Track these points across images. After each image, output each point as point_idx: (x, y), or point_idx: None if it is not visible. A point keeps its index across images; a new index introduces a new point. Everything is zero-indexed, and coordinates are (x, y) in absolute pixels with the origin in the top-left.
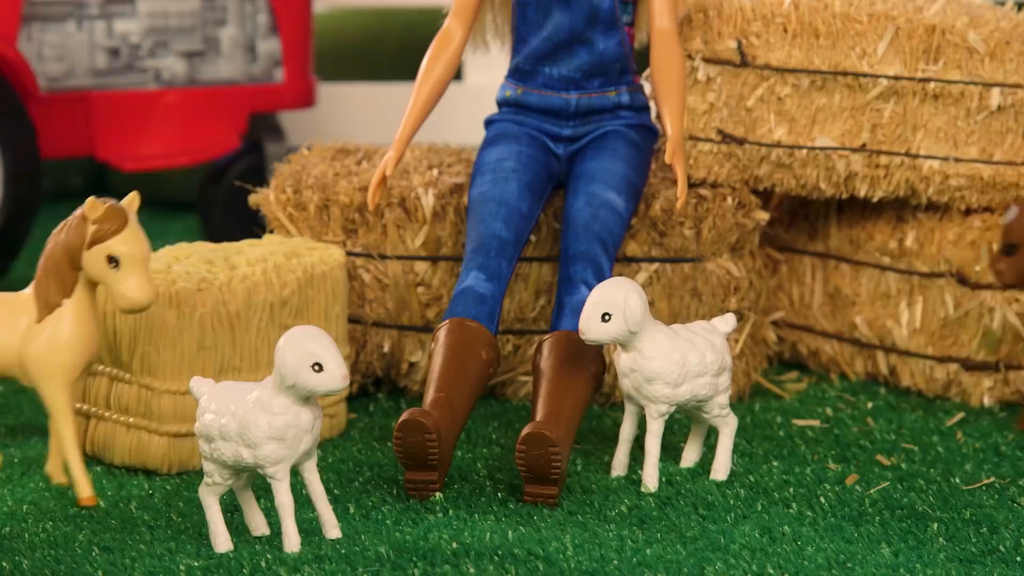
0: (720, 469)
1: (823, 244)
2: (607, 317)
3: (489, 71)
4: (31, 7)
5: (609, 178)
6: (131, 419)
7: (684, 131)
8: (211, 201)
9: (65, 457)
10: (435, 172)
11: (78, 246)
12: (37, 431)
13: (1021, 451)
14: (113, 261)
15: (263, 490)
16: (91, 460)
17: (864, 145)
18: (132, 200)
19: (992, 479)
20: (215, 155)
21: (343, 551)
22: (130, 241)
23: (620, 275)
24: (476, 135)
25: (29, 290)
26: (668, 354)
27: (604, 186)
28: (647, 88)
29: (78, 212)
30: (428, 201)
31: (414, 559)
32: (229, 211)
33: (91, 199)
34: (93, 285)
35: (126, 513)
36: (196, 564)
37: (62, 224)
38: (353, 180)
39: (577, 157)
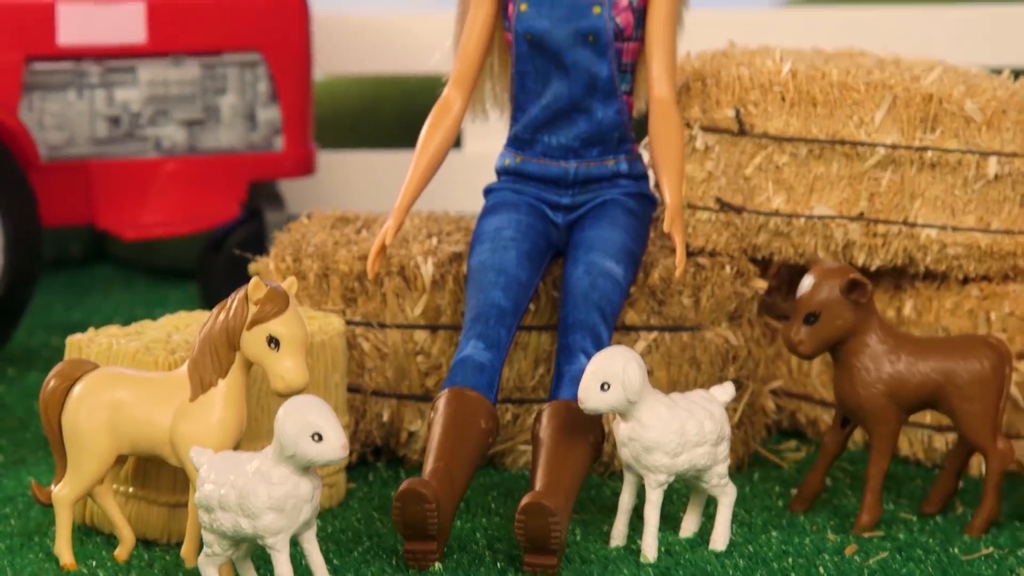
0: (719, 539)
1: None
2: (606, 386)
3: (488, 139)
4: (32, 76)
5: (608, 247)
6: (131, 489)
7: (682, 199)
8: (211, 269)
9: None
10: (434, 241)
11: (238, 326)
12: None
13: (1019, 521)
14: (273, 342)
15: (263, 560)
16: (90, 531)
17: (862, 214)
18: (292, 284)
19: (991, 549)
20: (215, 223)
21: None
22: (290, 323)
23: (619, 344)
24: (475, 202)
25: (183, 369)
26: (667, 423)
27: (603, 255)
28: (646, 156)
29: (240, 293)
30: (427, 270)
31: None
32: (229, 279)
33: (255, 280)
34: (247, 366)
35: None
36: None
37: (220, 305)
38: (352, 249)
39: (576, 226)
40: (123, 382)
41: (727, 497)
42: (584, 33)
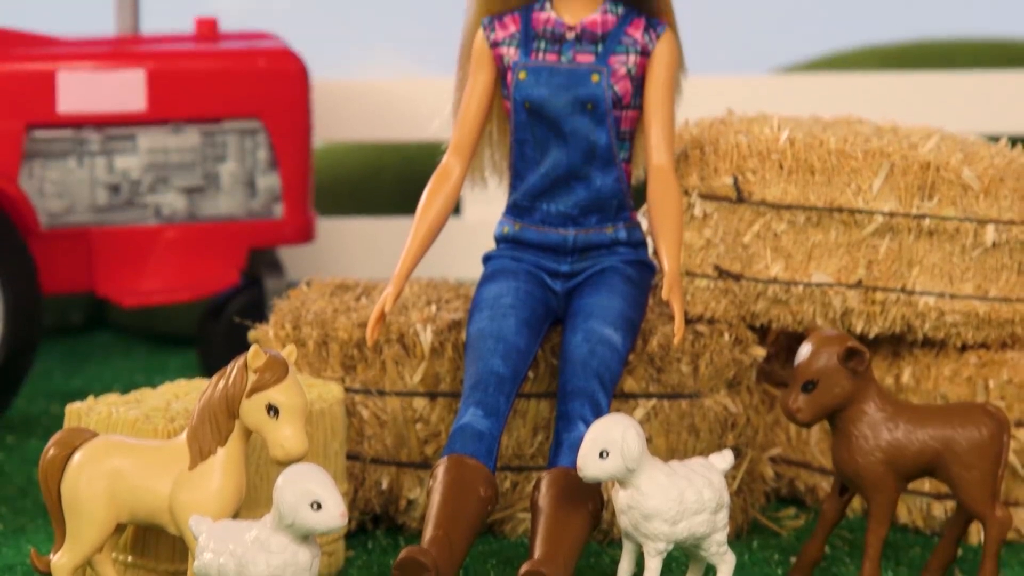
0: None
1: None
2: (605, 454)
3: (487, 206)
4: (32, 144)
5: (607, 314)
6: (129, 557)
7: (681, 267)
8: (210, 336)
9: None
10: (433, 308)
11: (238, 395)
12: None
13: None
14: (272, 410)
15: None
16: None
17: (860, 281)
18: (291, 352)
19: None
20: (214, 290)
21: None
22: (289, 392)
23: (618, 411)
24: (475, 269)
25: (182, 437)
26: (666, 491)
27: (602, 322)
28: (644, 224)
29: (239, 362)
30: (426, 337)
31: None
32: (228, 346)
33: (254, 348)
34: (247, 434)
35: None
36: None
37: (220, 373)
38: (352, 316)
39: (575, 293)
40: (122, 450)
41: (726, 565)
42: (583, 101)
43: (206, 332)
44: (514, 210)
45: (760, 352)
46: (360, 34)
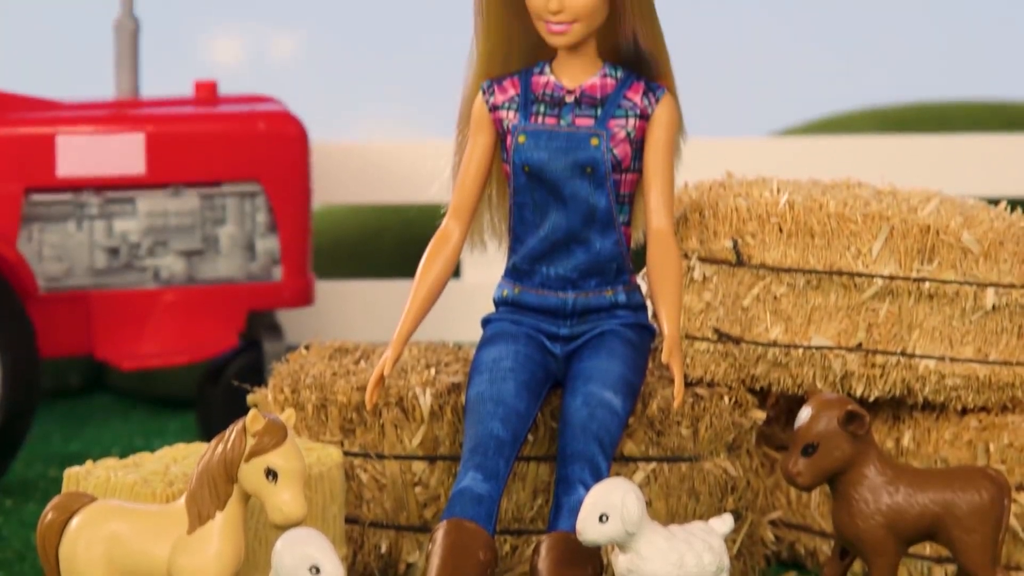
0: None
1: None
2: (604, 518)
3: (487, 268)
4: (31, 207)
5: (606, 377)
6: None
7: (680, 330)
8: (209, 400)
9: None
10: (432, 371)
11: (236, 459)
12: None
13: None
14: (271, 474)
15: None
16: None
17: (860, 344)
18: (290, 416)
19: None
20: (213, 353)
21: None
22: (288, 456)
23: (617, 475)
24: (474, 332)
25: (181, 501)
26: (665, 555)
27: (601, 385)
28: (644, 287)
29: (238, 425)
30: (425, 401)
31: None
32: (227, 410)
33: (253, 412)
34: (245, 498)
35: None
36: None
37: (219, 437)
38: (351, 380)
39: (574, 356)
40: (121, 515)
41: None
42: (582, 165)
43: (205, 395)
44: (513, 273)
45: (760, 415)
46: (359, 96)
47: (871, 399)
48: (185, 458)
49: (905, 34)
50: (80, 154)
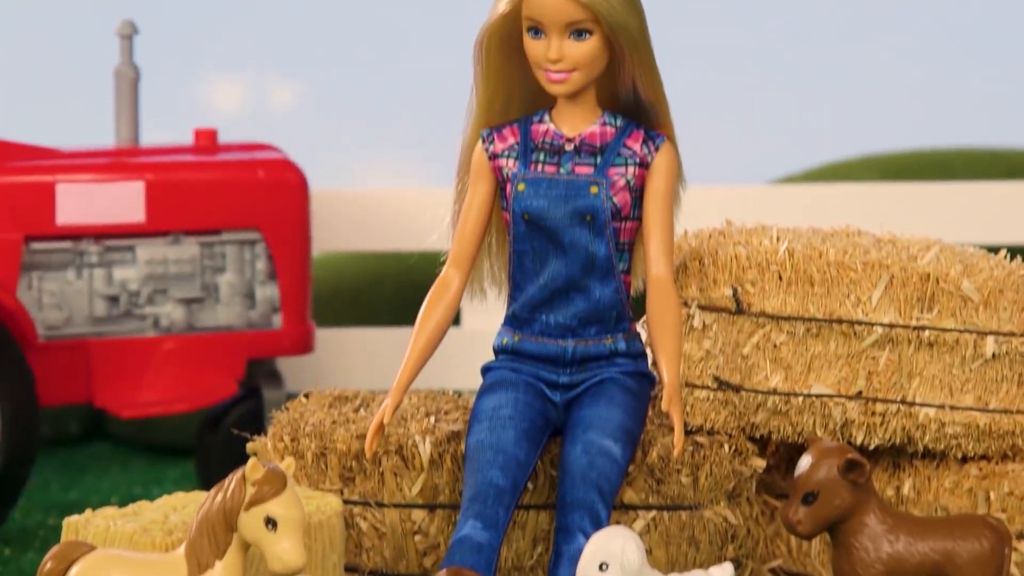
0: None
1: None
2: (604, 567)
3: (487, 316)
4: (31, 255)
5: (606, 426)
6: None
7: (680, 378)
8: (209, 447)
9: None
10: (432, 419)
11: (236, 508)
12: None
13: None
14: (271, 523)
15: None
16: None
17: (860, 392)
18: (289, 465)
19: None
20: (213, 401)
21: None
22: (288, 504)
23: (617, 523)
24: (474, 380)
25: (180, 550)
26: None
27: (601, 433)
28: (643, 334)
29: (237, 474)
30: (425, 449)
31: None
32: (227, 458)
33: (253, 461)
34: (245, 547)
35: None
36: None
37: (218, 486)
38: (351, 428)
39: (574, 404)
40: (120, 564)
41: None
42: (582, 213)
43: (204, 443)
44: (513, 321)
45: (760, 463)
46: (359, 143)
47: (871, 447)
48: (184, 507)
49: (904, 82)
50: (80, 202)
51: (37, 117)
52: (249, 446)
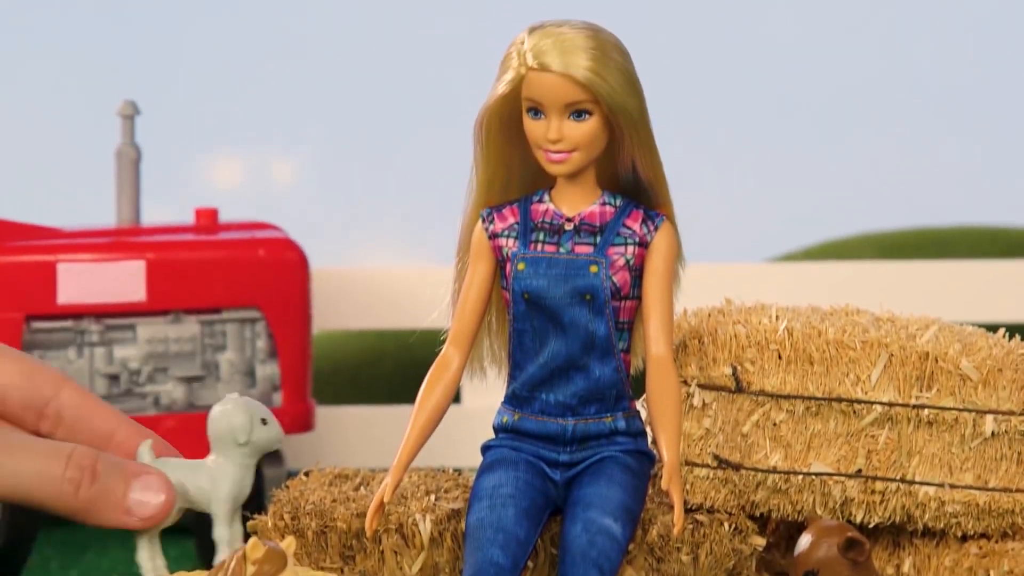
0: None
1: None
2: None
3: (487, 394)
4: (32, 335)
5: (606, 504)
6: None
7: (680, 456)
8: (209, 526)
9: None
10: (432, 498)
11: None
12: None
13: None
14: None
15: None
16: None
17: (860, 471)
18: (290, 544)
19: None
20: None
21: None
22: None
23: None
24: (474, 457)
25: None
26: None
27: (601, 512)
28: (643, 413)
29: (238, 553)
30: (425, 527)
31: None
32: None
33: (253, 540)
34: None
35: None
36: None
37: (219, 565)
38: (351, 506)
39: (574, 483)
40: None
41: None
42: (581, 292)
43: (205, 522)
44: (513, 400)
45: (760, 542)
46: (359, 221)
47: (871, 525)
48: None
49: (902, 160)
50: (80, 282)
51: (39, 196)
52: (249, 524)
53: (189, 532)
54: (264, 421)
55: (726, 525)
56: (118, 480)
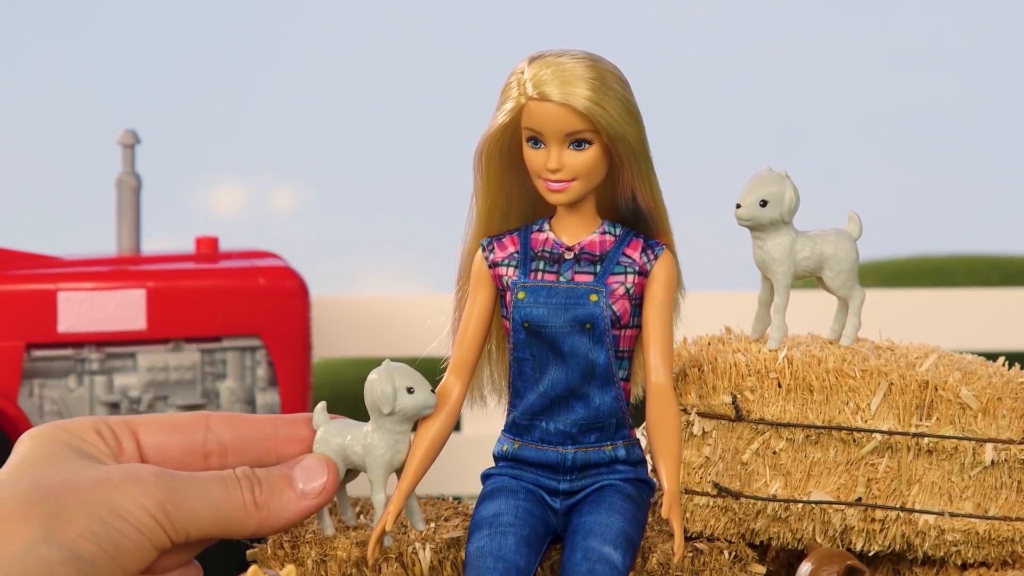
0: None
1: None
2: None
3: (486, 422)
4: (32, 363)
5: (606, 532)
6: None
7: (680, 485)
8: (208, 554)
9: None
10: (432, 526)
11: None
12: None
13: None
14: None
15: None
16: None
17: (859, 499)
18: (290, 572)
19: None
20: None
21: None
22: None
23: None
24: (473, 485)
25: None
26: None
27: (601, 540)
28: (643, 441)
29: None
30: (425, 556)
31: None
32: (228, 565)
33: (253, 568)
34: None
35: None
36: None
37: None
38: (351, 535)
39: (574, 511)
40: None
41: None
42: (581, 321)
43: (204, 550)
44: (513, 428)
45: (760, 569)
46: (359, 249)
47: (871, 553)
48: None
49: (902, 188)
50: (81, 310)
51: (39, 225)
52: (250, 553)
53: None
54: (410, 390)
55: (726, 553)
56: (277, 476)
